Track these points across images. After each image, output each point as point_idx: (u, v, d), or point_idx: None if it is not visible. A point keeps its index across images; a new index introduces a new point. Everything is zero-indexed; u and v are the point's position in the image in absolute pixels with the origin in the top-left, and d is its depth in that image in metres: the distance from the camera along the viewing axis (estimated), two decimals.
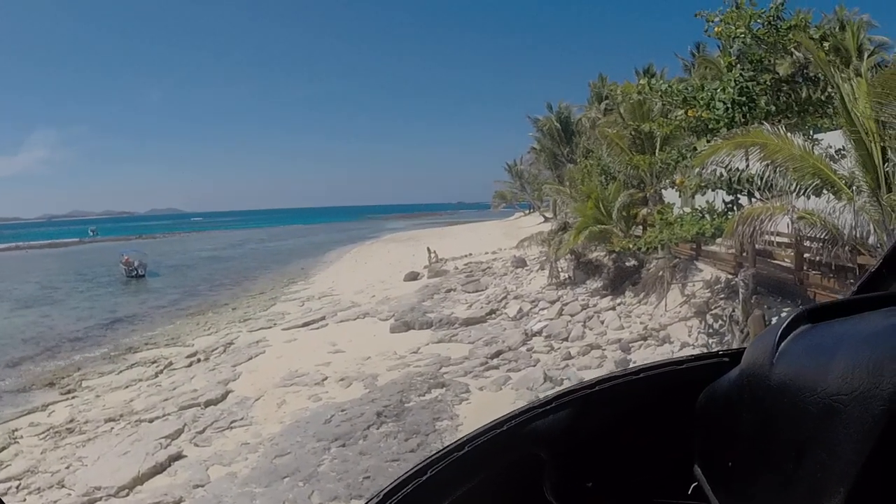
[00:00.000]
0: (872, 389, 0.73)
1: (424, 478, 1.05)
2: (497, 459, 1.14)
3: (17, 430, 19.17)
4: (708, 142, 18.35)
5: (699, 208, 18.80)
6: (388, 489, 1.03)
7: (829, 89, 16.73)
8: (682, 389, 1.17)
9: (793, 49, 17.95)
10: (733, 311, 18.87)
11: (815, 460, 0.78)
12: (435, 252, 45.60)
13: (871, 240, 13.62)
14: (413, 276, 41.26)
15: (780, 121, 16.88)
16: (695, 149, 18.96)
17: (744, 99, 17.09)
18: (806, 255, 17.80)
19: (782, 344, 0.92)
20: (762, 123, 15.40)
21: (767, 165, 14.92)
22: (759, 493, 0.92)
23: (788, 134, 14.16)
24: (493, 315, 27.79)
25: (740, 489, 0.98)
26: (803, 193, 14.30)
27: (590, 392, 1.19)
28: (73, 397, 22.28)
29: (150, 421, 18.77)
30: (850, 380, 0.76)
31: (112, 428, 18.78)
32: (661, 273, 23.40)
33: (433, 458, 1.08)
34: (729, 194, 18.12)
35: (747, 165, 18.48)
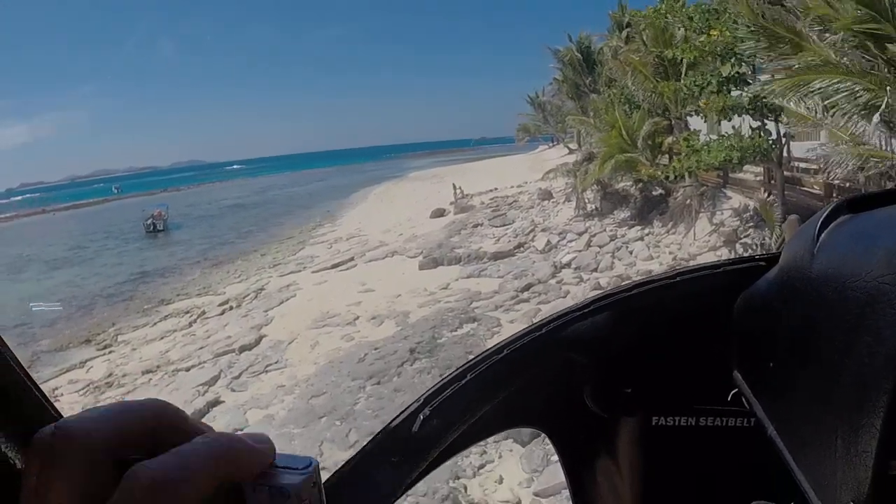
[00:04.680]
0: None
1: (464, 382, 1.05)
2: (536, 364, 1.13)
3: (57, 388, 19.50)
4: (732, 66, 17.95)
5: (726, 134, 18.50)
6: (428, 393, 1.03)
7: None
8: (720, 293, 1.14)
9: None
10: (763, 239, 18.71)
11: (861, 348, 0.76)
12: (460, 188, 45.20)
13: None
14: (439, 213, 41.30)
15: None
16: (720, 74, 18.57)
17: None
18: (836, 182, 17.59)
19: (822, 236, 0.89)
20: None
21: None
22: (802, 391, 0.89)
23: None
24: (522, 248, 27.87)
25: (782, 390, 0.96)
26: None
27: (627, 295, 1.17)
28: (109, 352, 22.69)
29: (187, 370, 19.20)
30: None
31: (150, 379, 19.24)
32: (688, 202, 23.20)
33: (472, 362, 1.08)
34: (755, 120, 17.82)
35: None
